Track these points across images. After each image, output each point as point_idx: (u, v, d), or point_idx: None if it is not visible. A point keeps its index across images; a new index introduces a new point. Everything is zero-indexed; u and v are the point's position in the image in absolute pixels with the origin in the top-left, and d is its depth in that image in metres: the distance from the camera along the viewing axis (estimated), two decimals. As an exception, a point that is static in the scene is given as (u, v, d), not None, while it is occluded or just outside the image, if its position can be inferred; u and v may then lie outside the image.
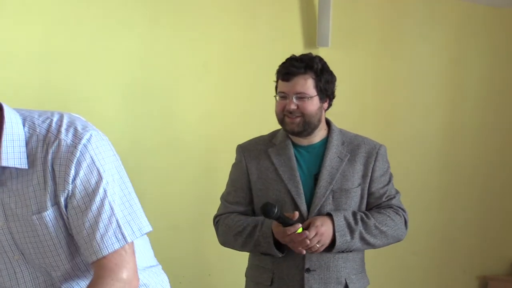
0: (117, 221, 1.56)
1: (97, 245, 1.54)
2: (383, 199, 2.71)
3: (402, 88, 4.36)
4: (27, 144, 1.58)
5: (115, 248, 1.54)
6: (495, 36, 4.78)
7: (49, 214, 1.58)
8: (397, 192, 2.78)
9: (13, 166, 1.55)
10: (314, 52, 3.84)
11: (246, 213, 2.70)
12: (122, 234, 1.55)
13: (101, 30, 3.55)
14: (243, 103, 3.95)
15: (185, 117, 3.82)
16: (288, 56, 3.76)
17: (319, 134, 2.68)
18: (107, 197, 1.56)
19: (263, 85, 3.71)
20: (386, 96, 4.30)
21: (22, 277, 1.72)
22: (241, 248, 2.71)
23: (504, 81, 4.84)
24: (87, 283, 1.66)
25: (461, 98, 4.73)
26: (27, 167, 1.57)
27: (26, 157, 1.57)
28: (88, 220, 1.54)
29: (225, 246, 2.78)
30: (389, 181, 2.76)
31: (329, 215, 2.53)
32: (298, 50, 3.75)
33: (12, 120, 1.59)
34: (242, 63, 3.91)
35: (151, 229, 1.68)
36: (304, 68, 2.55)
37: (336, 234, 2.49)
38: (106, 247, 1.53)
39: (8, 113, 1.58)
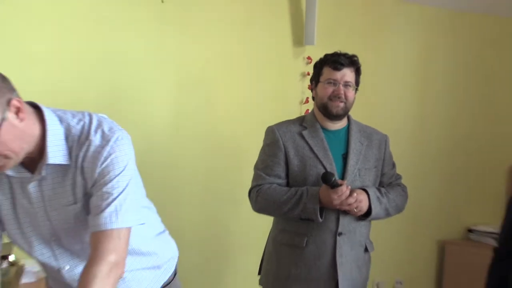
0: (123, 207, 1.67)
1: (98, 220, 1.64)
2: (393, 179, 2.94)
3: (379, 81, 4.47)
4: (65, 142, 1.67)
5: (111, 227, 1.64)
6: (458, 37, 4.92)
7: (80, 205, 1.73)
8: (400, 175, 3.01)
9: (57, 163, 1.65)
10: (301, 50, 4.15)
11: (283, 185, 2.76)
12: (118, 216, 1.65)
13: (150, 33, 3.69)
14: (245, 95, 4.06)
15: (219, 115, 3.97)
16: (279, 52, 4.02)
17: (343, 122, 2.85)
18: (121, 186, 1.68)
19: (262, 79, 4.04)
20: (365, 88, 4.20)
21: (61, 255, 1.85)
22: (282, 214, 2.74)
23: (464, 77, 4.99)
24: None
25: (428, 90, 4.87)
26: (68, 164, 1.67)
27: (67, 154, 1.67)
28: (101, 200, 1.66)
29: (260, 212, 2.86)
30: (394, 164, 3.00)
31: (364, 190, 2.69)
32: (288, 48, 4.13)
33: (53, 121, 1.66)
34: (242, 60, 4.02)
35: (142, 222, 1.79)
36: (350, 63, 2.73)
37: (372, 205, 2.66)
38: (105, 222, 1.63)
39: (48, 115, 1.66)
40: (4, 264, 2.55)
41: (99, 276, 1.57)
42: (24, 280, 2.71)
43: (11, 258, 2.58)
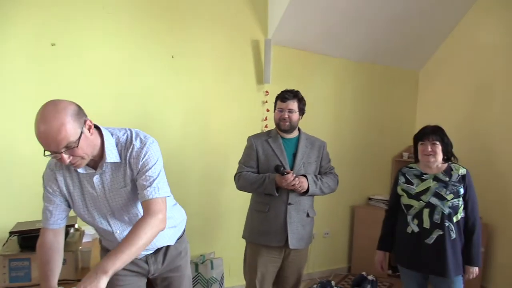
0: (158, 184, 1.76)
1: (147, 193, 1.74)
2: (328, 170, 2.91)
3: (312, 108, 4.00)
4: (116, 148, 1.78)
5: (156, 196, 1.74)
6: (359, 78, 4.91)
7: (129, 187, 1.81)
8: (333, 167, 2.96)
9: (113, 161, 1.77)
10: (261, 86, 4.15)
11: (255, 173, 2.80)
12: (159, 190, 1.76)
13: (166, 77, 3.66)
14: (227, 116, 4.01)
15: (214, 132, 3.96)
16: (248, 88, 4.05)
17: (295, 133, 2.86)
18: (157, 172, 1.78)
19: (237, 106, 4.05)
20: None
21: (114, 223, 1.89)
22: (253, 191, 2.80)
23: (363, 104, 4.99)
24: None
25: (342, 112, 4.82)
26: (120, 161, 1.78)
27: (119, 155, 1.78)
28: (146, 181, 1.75)
29: (240, 190, 2.85)
30: (329, 160, 2.96)
31: (304, 176, 2.71)
32: (253, 85, 4.13)
33: (107, 135, 1.77)
34: (225, 94, 3.99)
35: (170, 194, 1.90)
36: (293, 96, 2.77)
37: (310, 185, 2.69)
38: (152, 194, 1.74)
39: (104, 131, 1.77)
40: (71, 230, 2.50)
41: (150, 224, 1.67)
42: (84, 240, 2.70)
43: (76, 226, 2.53)
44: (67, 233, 2.30)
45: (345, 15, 4.22)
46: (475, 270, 2.62)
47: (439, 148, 2.62)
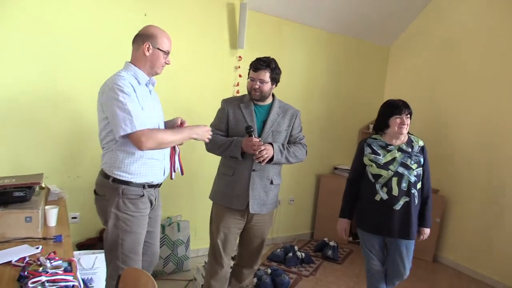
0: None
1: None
2: (297, 140, 2.88)
3: (284, 73, 4.33)
4: None
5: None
6: (331, 49, 4.92)
7: None
8: (303, 136, 2.93)
9: None
10: (235, 51, 4.10)
11: (224, 136, 2.78)
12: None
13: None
14: (203, 79, 3.94)
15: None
16: (222, 53, 3.98)
17: (268, 100, 2.80)
18: None
19: (212, 70, 3.97)
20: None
21: None
22: (220, 153, 2.77)
23: (335, 75, 5.01)
24: None
25: (313, 83, 4.83)
26: None
27: None
28: None
29: (209, 152, 2.81)
30: (301, 130, 2.91)
31: (270, 144, 2.68)
32: (227, 50, 4.07)
33: None
34: (201, 58, 3.92)
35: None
36: (265, 66, 2.68)
37: (275, 153, 2.65)
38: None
39: None
40: (36, 188, 2.42)
41: None
42: (50, 198, 2.62)
43: (42, 184, 2.46)
44: (33, 191, 2.25)
45: (322, -16, 4.17)
46: (428, 231, 2.89)
47: (409, 122, 2.78)
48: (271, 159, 2.66)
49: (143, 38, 2.21)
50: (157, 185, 2.35)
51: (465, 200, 4.48)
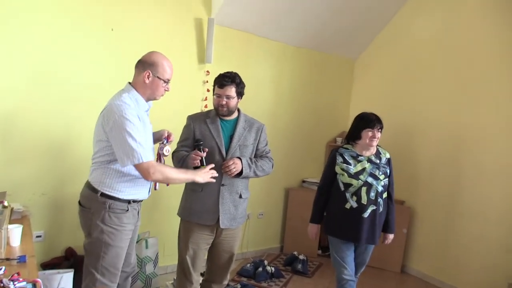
0: None
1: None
2: (264, 153, 2.90)
3: (251, 87, 4.31)
4: None
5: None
6: (296, 63, 4.99)
7: None
8: (269, 150, 2.95)
9: None
10: (202, 66, 4.10)
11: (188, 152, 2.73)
12: None
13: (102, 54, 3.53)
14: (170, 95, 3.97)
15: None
16: (190, 67, 3.98)
17: (234, 115, 2.80)
18: None
19: (180, 84, 3.87)
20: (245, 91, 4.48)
21: None
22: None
23: (300, 88, 5.07)
24: None
25: (280, 96, 4.89)
26: None
27: None
28: None
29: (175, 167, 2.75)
30: (267, 144, 2.93)
31: (239, 158, 2.68)
32: (195, 64, 4.07)
33: None
34: None
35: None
36: (230, 81, 2.69)
37: (243, 167, 2.66)
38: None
39: None
40: (0, 207, 2.36)
41: None
42: (13, 217, 2.59)
43: (5, 203, 2.39)
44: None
45: (287, 0, 4.25)
46: (392, 237, 3.14)
47: (380, 135, 2.96)
48: (240, 173, 2.67)
49: (144, 65, 2.30)
50: (141, 200, 2.43)
51: (430, 211, 4.59)
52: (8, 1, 3.02)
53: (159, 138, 2.60)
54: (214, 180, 2.48)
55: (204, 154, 2.55)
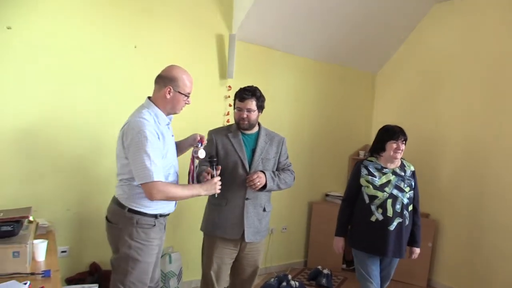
0: None
1: None
2: (286, 166, 2.90)
3: (273, 101, 4.26)
4: None
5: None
6: (318, 77, 4.99)
7: None
8: (291, 163, 2.95)
9: None
10: (224, 81, 4.12)
11: None
12: None
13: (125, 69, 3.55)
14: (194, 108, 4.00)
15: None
16: (212, 82, 4.00)
17: (255, 129, 2.82)
18: None
19: (203, 99, 3.95)
20: (268, 107, 4.52)
21: None
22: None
23: (322, 101, 5.06)
24: None
25: (302, 109, 4.88)
26: None
27: None
28: None
29: None
30: (287, 157, 2.95)
31: (262, 172, 2.69)
32: (216, 80, 4.10)
33: None
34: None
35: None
36: (251, 95, 2.71)
37: (267, 181, 2.65)
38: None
39: None
40: (25, 222, 2.36)
41: None
42: (38, 232, 2.61)
43: (30, 218, 2.39)
44: (21, 225, 2.21)
45: (308, 15, 4.27)
46: (418, 251, 3.08)
47: (404, 147, 2.93)
48: (264, 187, 2.67)
49: (165, 81, 2.29)
50: (167, 215, 2.43)
51: (455, 225, 4.49)
52: (40, 19, 3.11)
53: (192, 142, 2.57)
54: (218, 191, 2.41)
55: (218, 172, 2.47)
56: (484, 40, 4.28)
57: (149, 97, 2.34)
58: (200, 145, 2.54)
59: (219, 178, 2.42)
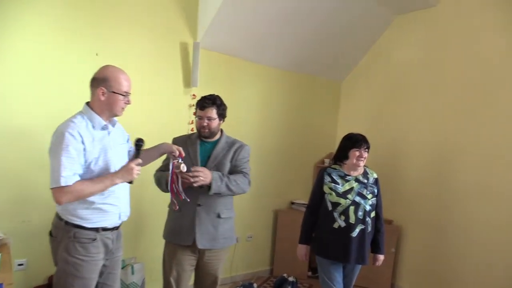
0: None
1: None
2: (238, 171, 2.84)
3: (238, 110, 4.45)
4: None
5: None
6: (283, 86, 5.02)
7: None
8: (249, 168, 2.92)
9: None
10: (188, 90, 4.10)
11: None
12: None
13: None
14: (155, 116, 3.88)
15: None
16: (175, 91, 3.98)
17: (216, 137, 2.86)
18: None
19: (167, 108, 3.96)
20: (230, 114, 4.51)
21: None
22: (161, 188, 2.75)
23: (288, 110, 5.09)
24: None
25: (268, 116, 4.89)
26: None
27: None
28: None
29: (163, 191, 2.77)
30: (245, 162, 2.90)
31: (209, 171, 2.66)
32: (181, 88, 4.07)
33: None
34: (154, 95, 3.88)
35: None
36: (211, 103, 2.75)
37: (214, 179, 2.63)
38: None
39: None
40: None
41: None
42: None
43: None
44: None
45: (273, 24, 4.31)
46: (382, 257, 3.11)
47: (367, 155, 2.99)
48: (210, 187, 2.64)
49: (98, 82, 2.16)
50: (114, 228, 2.28)
51: (418, 230, 4.59)
52: (6, 33, 3.06)
53: (162, 151, 2.51)
54: (136, 176, 2.19)
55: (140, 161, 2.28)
56: (446, 48, 4.43)
57: (87, 102, 2.22)
58: (180, 159, 2.50)
59: (138, 161, 2.22)
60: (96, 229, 2.15)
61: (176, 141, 2.88)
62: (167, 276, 2.81)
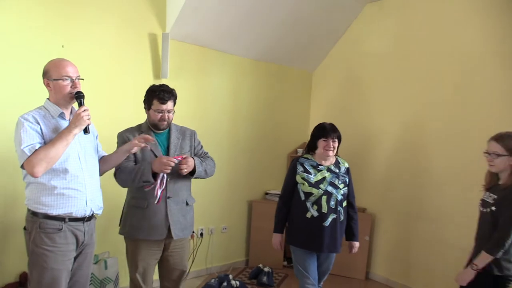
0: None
1: None
2: (203, 155, 2.97)
3: (210, 101, 4.48)
4: None
5: None
6: (255, 76, 5.03)
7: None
8: (207, 152, 3.02)
9: None
10: (158, 81, 4.01)
11: (132, 165, 2.73)
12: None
13: None
14: (124, 106, 3.84)
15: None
16: (145, 82, 3.86)
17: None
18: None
19: (134, 99, 3.66)
20: (199, 105, 4.38)
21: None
22: (133, 181, 2.67)
23: (258, 101, 5.10)
24: None
25: (238, 108, 4.89)
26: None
27: None
28: None
29: (122, 185, 2.78)
30: (202, 147, 3.01)
31: (192, 157, 2.76)
32: (150, 79, 3.99)
33: None
34: (123, 87, 3.85)
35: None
36: (171, 96, 2.76)
37: (196, 165, 2.74)
38: None
39: None
40: None
41: None
42: None
43: None
44: None
45: (242, 14, 4.30)
46: (357, 244, 3.17)
47: (336, 145, 3.02)
48: (193, 172, 2.76)
49: (43, 76, 2.27)
50: (83, 219, 2.28)
51: (391, 217, 4.69)
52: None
53: (127, 149, 2.54)
54: (88, 121, 2.22)
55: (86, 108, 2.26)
56: (416, 36, 4.49)
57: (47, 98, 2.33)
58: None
59: (83, 108, 2.22)
60: (62, 219, 2.17)
61: (127, 133, 2.83)
62: (133, 273, 2.82)
